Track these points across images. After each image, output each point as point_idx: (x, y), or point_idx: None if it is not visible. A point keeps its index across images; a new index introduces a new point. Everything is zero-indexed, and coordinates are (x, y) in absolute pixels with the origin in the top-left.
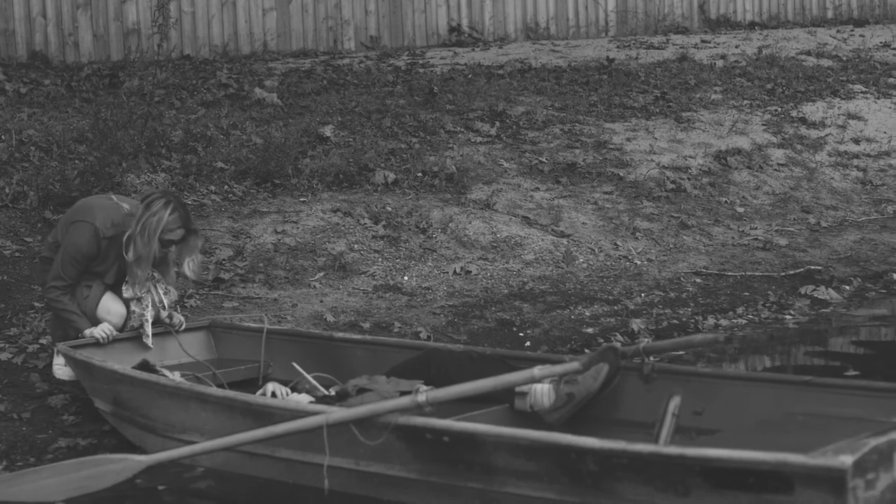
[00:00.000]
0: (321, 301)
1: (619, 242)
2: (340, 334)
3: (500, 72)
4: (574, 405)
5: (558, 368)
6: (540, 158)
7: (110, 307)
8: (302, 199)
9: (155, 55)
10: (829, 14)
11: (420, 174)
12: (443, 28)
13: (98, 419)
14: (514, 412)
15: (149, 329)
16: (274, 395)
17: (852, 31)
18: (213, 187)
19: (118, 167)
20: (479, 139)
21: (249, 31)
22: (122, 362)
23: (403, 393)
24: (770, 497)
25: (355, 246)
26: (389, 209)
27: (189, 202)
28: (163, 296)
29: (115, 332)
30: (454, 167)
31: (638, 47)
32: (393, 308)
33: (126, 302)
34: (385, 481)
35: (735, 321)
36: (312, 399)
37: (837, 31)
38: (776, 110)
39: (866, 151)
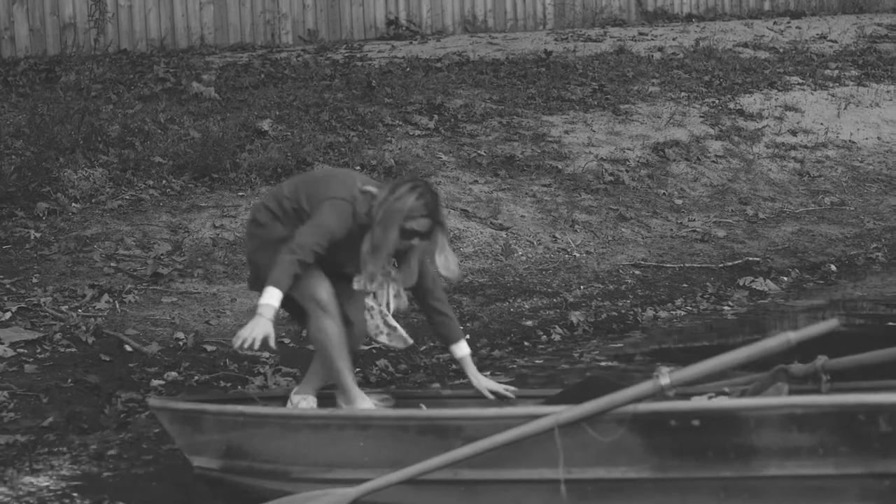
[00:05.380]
0: None
1: (557, 235)
2: (448, 391)
3: (438, 65)
4: None
5: (813, 329)
6: (478, 151)
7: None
8: (240, 194)
9: (92, 49)
10: (766, 6)
11: (359, 168)
12: (381, 21)
13: (37, 415)
14: None
15: (392, 321)
16: None
17: (789, 23)
18: (150, 182)
19: (55, 162)
20: (417, 132)
21: (186, 25)
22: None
23: None
24: None
25: None
26: None
27: (127, 197)
28: (391, 297)
29: (270, 345)
30: (393, 160)
31: (576, 40)
32: None
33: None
34: (609, 486)
35: (674, 313)
36: None
37: (774, 23)
38: (714, 102)
39: (803, 143)
